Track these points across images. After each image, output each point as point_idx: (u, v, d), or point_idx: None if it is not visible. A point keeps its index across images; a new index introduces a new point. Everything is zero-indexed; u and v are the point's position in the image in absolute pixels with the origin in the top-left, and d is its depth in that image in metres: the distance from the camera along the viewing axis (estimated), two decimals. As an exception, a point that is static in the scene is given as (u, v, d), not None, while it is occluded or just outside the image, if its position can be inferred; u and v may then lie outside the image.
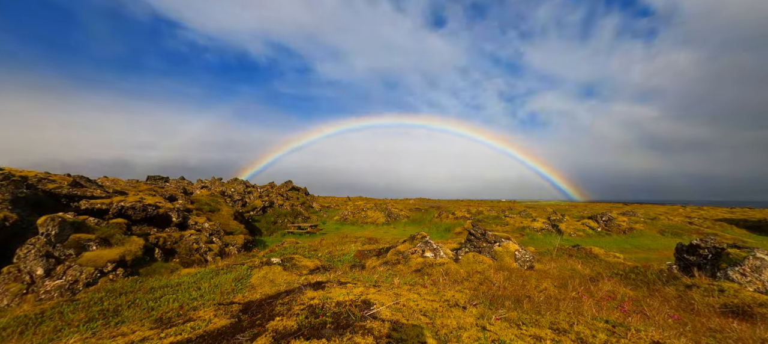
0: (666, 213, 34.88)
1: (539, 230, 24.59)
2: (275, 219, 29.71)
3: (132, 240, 11.19)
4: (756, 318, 5.36)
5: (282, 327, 3.23)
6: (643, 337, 3.29)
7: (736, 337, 4.31)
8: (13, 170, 12.71)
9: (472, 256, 9.33)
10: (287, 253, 12.63)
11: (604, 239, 21.77)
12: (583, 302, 5.64)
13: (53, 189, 12.51)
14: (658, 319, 4.86)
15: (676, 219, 29.47)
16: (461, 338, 3.09)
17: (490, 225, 26.54)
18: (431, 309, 3.85)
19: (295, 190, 43.70)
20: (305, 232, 25.36)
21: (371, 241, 17.25)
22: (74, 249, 9.56)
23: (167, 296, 7.30)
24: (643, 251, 17.48)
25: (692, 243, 8.41)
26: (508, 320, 3.63)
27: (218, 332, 3.42)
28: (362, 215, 33.69)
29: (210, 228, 16.47)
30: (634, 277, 8.30)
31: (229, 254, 15.01)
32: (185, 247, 13.26)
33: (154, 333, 3.49)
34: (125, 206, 13.24)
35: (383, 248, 12.12)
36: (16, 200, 10.85)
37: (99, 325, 5.96)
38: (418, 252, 9.38)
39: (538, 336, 3.19)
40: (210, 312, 4.04)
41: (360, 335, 3.00)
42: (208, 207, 20.35)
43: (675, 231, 24.09)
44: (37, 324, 6.16)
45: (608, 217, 25.94)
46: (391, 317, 3.48)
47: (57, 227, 9.57)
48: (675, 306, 6.13)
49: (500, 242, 10.29)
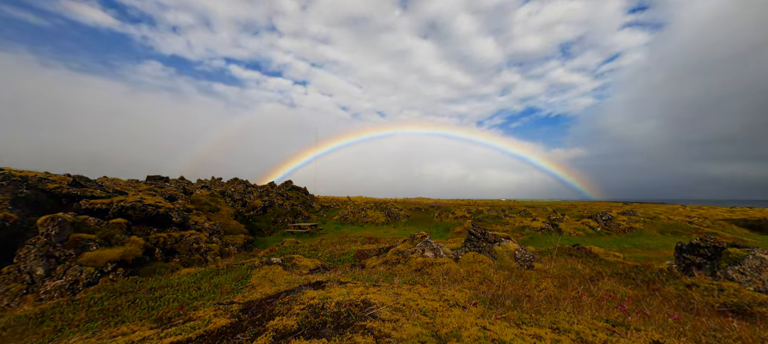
0: (666, 213, 34.88)
1: (539, 229, 24.60)
2: (275, 219, 29.72)
3: (132, 240, 11.20)
4: (756, 317, 5.37)
5: (282, 326, 3.23)
6: (643, 336, 3.29)
7: (736, 336, 4.31)
8: (13, 170, 12.71)
9: (472, 255, 9.34)
10: (287, 253, 12.64)
11: (604, 239, 21.77)
12: (583, 301, 5.64)
13: (53, 189, 12.51)
14: (658, 318, 4.86)
15: (675, 218, 29.48)
16: (461, 337, 3.10)
17: (490, 225, 26.55)
18: (431, 309, 3.86)
19: (295, 190, 43.70)
20: (305, 232, 25.37)
21: (371, 241, 17.26)
22: (74, 249, 9.56)
23: (167, 296, 7.30)
24: (642, 251, 17.49)
25: (692, 242, 8.41)
26: (508, 319, 3.64)
27: (218, 331, 3.42)
28: (362, 215, 33.70)
29: (210, 228, 16.48)
30: (634, 276, 8.30)
31: (229, 253, 15.02)
32: (185, 247, 13.26)
33: (155, 332, 3.49)
34: (125, 206, 13.24)
35: (383, 247, 12.12)
36: (16, 200, 10.85)
37: (99, 325, 5.96)
38: (418, 252, 9.38)
39: (539, 336, 3.19)
40: (210, 311, 4.05)
41: (360, 334, 3.00)
42: (208, 207, 20.36)
43: (675, 231, 24.10)
44: (38, 324, 6.17)
45: (608, 216, 25.95)
46: (391, 316, 3.48)
47: (57, 227, 9.57)
48: (675, 305, 6.13)
49: (500, 242, 10.29)
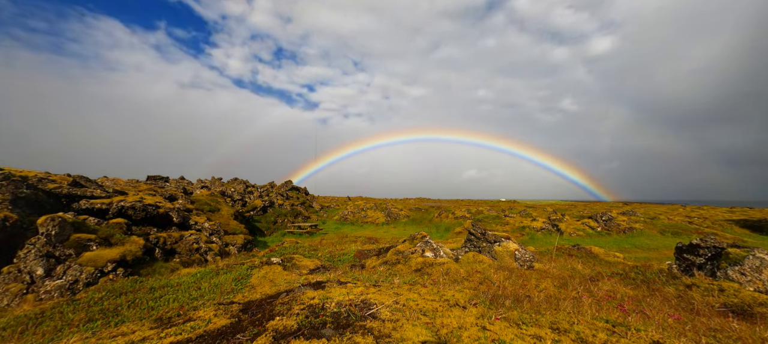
0: (666, 213, 34.88)
1: (539, 229, 24.61)
2: (275, 219, 29.73)
3: (132, 240, 11.20)
4: (756, 318, 5.36)
5: (282, 326, 3.23)
6: (643, 337, 3.29)
7: (736, 337, 4.30)
8: (13, 170, 12.71)
9: (472, 256, 9.33)
10: (287, 253, 12.64)
11: (604, 239, 21.77)
12: (583, 301, 5.64)
13: (53, 189, 12.51)
14: (658, 319, 4.86)
15: (676, 219, 29.48)
16: (461, 338, 3.09)
17: (490, 225, 26.55)
18: (431, 309, 3.85)
19: (295, 190, 43.73)
20: (305, 232, 25.37)
21: (371, 241, 17.26)
22: (74, 249, 9.56)
23: (167, 296, 7.31)
24: (642, 251, 17.49)
25: (692, 243, 8.41)
26: (508, 319, 3.63)
27: (218, 332, 3.42)
28: (362, 215, 33.71)
29: (210, 228, 16.48)
30: (634, 277, 8.29)
31: (229, 254, 15.02)
32: (185, 247, 13.26)
33: (155, 332, 3.49)
34: (125, 206, 13.24)
35: (383, 247, 12.12)
36: (16, 200, 10.85)
37: (99, 325, 5.96)
38: (418, 252, 9.38)
39: (539, 336, 3.19)
40: (210, 311, 4.04)
41: (360, 335, 3.00)
42: (208, 207, 20.36)
43: (675, 231, 24.09)
44: (37, 324, 6.17)
45: (608, 216, 25.95)
46: (391, 317, 3.48)
47: (57, 227, 9.58)
48: (675, 306, 6.13)
49: (500, 242, 10.28)
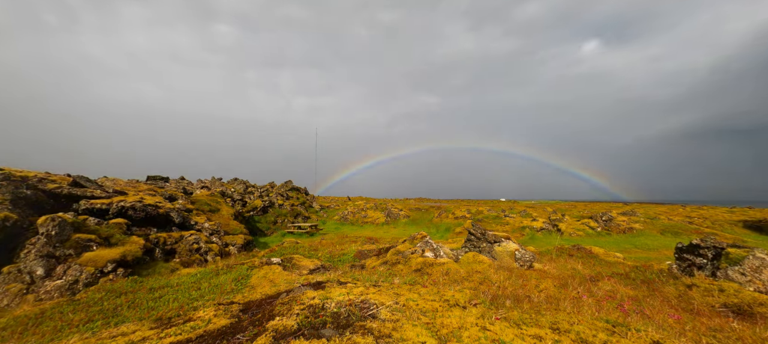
0: (666, 213, 34.86)
1: (539, 229, 24.60)
2: (275, 219, 29.72)
3: (132, 240, 11.19)
4: (756, 318, 5.36)
5: (282, 326, 3.23)
6: (644, 337, 3.29)
7: (737, 337, 4.31)
8: (13, 170, 12.70)
9: (472, 256, 9.33)
10: (287, 253, 12.64)
11: (604, 239, 21.76)
12: (584, 302, 5.64)
13: (53, 189, 12.50)
14: (658, 319, 4.86)
15: (676, 219, 29.46)
16: (461, 338, 3.09)
17: (490, 225, 26.54)
18: (431, 309, 3.85)
19: (295, 190, 43.71)
20: (305, 232, 25.36)
21: (371, 241, 17.26)
22: (74, 249, 9.56)
23: (167, 296, 7.30)
24: (643, 251, 17.47)
25: (692, 243, 8.41)
26: (508, 320, 3.63)
27: (218, 332, 3.42)
28: (362, 215, 33.70)
29: (210, 228, 16.47)
30: (634, 277, 8.29)
31: (229, 254, 15.01)
32: (185, 247, 13.25)
33: (154, 333, 3.49)
34: (125, 206, 13.23)
35: (383, 248, 12.12)
36: (16, 200, 10.85)
37: (99, 325, 5.96)
38: (418, 252, 9.38)
39: (539, 336, 3.19)
40: (210, 311, 4.04)
41: (360, 335, 3.00)
42: (208, 207, 20.34)
43: (675, 231, 24.08)
44: (37, 324, 6.17)
45: (608, 217, 25.95)
46: (391, 317, 3.48)
47: (57, 227, 9.57)
48: (675, 306, 6.13)
49: (500, 242, 10.28)
